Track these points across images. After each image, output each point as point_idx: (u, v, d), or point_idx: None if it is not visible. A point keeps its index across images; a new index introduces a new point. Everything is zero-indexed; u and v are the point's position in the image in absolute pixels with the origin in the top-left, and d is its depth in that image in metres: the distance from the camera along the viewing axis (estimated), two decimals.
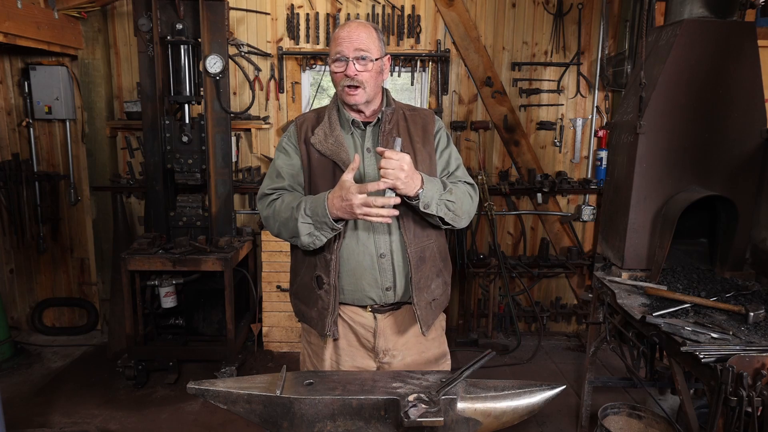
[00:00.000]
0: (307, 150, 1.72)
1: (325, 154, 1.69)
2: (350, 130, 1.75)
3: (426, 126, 1.79)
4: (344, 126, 1.74)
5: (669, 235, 2.38)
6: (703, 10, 2.45)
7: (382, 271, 1.69)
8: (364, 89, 1.65)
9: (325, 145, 1.69)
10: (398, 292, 1.72)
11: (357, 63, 1.62)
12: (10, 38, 3.15)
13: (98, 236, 4.18)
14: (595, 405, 2.78)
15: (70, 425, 3.05)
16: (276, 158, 1.79)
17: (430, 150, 1.77)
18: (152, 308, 3.71)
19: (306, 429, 1.30)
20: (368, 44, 1.64)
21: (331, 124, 1.73)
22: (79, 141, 4.16)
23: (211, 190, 3.62)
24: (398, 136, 1.67)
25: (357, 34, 1.63)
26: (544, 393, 1.38)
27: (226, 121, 3.60)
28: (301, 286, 1.80)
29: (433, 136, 1.80)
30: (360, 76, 1.63)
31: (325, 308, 1.70)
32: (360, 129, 1.75)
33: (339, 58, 1.63)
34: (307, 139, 1.73)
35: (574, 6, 4.07)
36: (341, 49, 1.63)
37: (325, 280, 1.69)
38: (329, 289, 1.69)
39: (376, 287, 1.70)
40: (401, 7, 4.03)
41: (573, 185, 4.16)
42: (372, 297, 1.71)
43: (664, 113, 2.46)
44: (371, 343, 1.77)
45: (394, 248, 1.69)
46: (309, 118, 1.79)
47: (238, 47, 3.97)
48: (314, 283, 1.72)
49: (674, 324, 1.95)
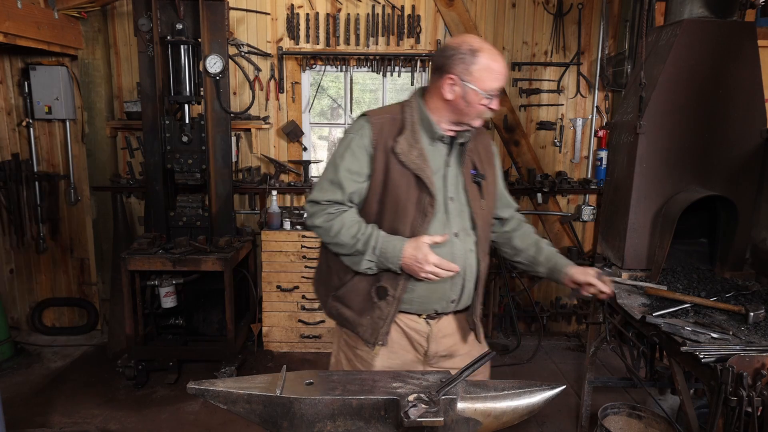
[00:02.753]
0: (386, 159, 1.64)
1: (408, 167, 1.62)
2: (433, 143, 1.69)
3: (488, 146, 1.85)
4: (427, 137, 1.69)
5: (669, 235, 2.38)
6: (703, 10, 2.45)
7: (454, 285, 1.71)
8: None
9: (409, 156, 1.62)
10: (460, 305, 1.77)
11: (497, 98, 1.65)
12: (10, 38, 3.15)
13: (98, 236, 4.18)
14: (595, 405, 2.78)
15: (70, 425, 3.05)
16: (341, 159, 1.66)
17: (492, 170, 1.82)
18: (152, 308, 3.71)
19: (306, 429, 1.30)
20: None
21: (414, 133, 1.66)
22: (79, 141, 4.16)
23: (211, 190, 3.62)
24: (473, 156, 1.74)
25: (505, 70, 1.65)
26: (544, 393, 1.38)
27: (226, 121, 3.60)
28: (351, 291, 1.71)
29: (494, 156, 1.86)
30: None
31: (381, 318, 1.67)
32: (445, 143, 1.71)
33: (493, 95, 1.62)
34: (387, 147, 1.64)
35: (574, 6, 4.07)
36: (498, 86, 1.62)
37: (391, 292, 1.66)
38: (392, 301, 1.66)
39: (443, 300, 1.72)
40: (401, 7, 4.03)
41: (573, 185, 4.16)
42: (436, 308, 1.73)
43: (664, 113, 2.45)
44: (424, 347, 1.77)
45: (467, 263, 1.71)
46: (386, 122, 1.68)
47: (238, 47, 3.97)
48: (374, 292, 1.67)
49: (674, 324, 1.95)
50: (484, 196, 1.74)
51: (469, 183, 1.71)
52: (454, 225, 1.68)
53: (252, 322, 4.08)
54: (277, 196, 4.10)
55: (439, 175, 1.67)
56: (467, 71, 1.59)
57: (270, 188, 4.06)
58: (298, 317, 3.98)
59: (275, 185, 4.11)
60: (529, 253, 1.89)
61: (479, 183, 1.72)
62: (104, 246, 4.15)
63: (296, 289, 3.95)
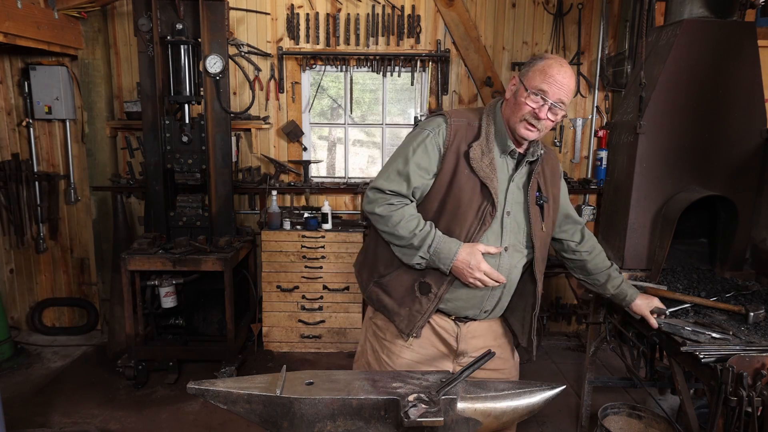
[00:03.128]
0: (457, 162, 1.66)
1: (477, 173, 1.64)
2: (502, 155, 1.70)
3: (554, 168, 1.84)
4: (499, 148, 1.70)
5: (669, 235, 2.38)
6: (703, 10, 2.45)
7: (491, 297, 1.73)
8: (540, 132, 1.65)
9: (480, 163, 1.64)
10: (492, 315, 1.79)
11: (551, 111, 1.61)
12: (10, 38, 3.14)
13: (98, 236, 4.18)
14: (595, 405, 2.78)
15: (70, 425, 3.05)
16: (413, 153, 1.68)
17: (556, 192, 1.82)
18: (152, 308, 3.71)
19: (306, 429, 1.30)
20: (570, 97, 1.64)
21: (488, 142, 1.68)
22: (79, 141, 4.16)
23: (211, 190, 3.62)
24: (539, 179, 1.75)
25: (567, 83, 1.59)
26: (544, 393, 1.38)
27: (226, 121, 3.60)
28: (395, 281, 1.74)
29: (559, 179, 1.86)
30: (547, 123, 1.62)
31: (420, 312, 1.70)
32: (513, 158, 1.72)
33: (539, 95, 1.59)
34: (460, 151, 1.66)
35: (574, 6, 4.07)
36: (548, 90, 1.58)
37: (434, 290, 1.68)
38: (433, 299, 1.69)
39: (477, 308, 1.74)
40: (401, 7, 4.03)
41: (573, 185, 4.16)
42: (467, 314, 1.75)
43: (664, 113, 2.45)
44: (454, 345, 1.79)
45: (510, 277, 1.73)
46: (463, 126, 1.70)
47: (238, 47, 3.97)
48: (417, 287, 1.70)
49: (674, 324, 1.95)
50: (545, 219, 1.75)
51: (532, 204, 1.72)
52: (506, 239, 1.70)
53: (252, 322, 4.08)
54: (277, 196, 4.10)
55: (502, 188, 1.69)
56: (526, 72, 1.64)
57: (270, 188, 4.06)
58: (298, 317, 3.98)
59: (275, 185, 4.11)
60: (599, 280, 1.96)
61: (542, 206, 1.74)
62: (104, 246, 4.15)
63: (296, 289, 3.95)
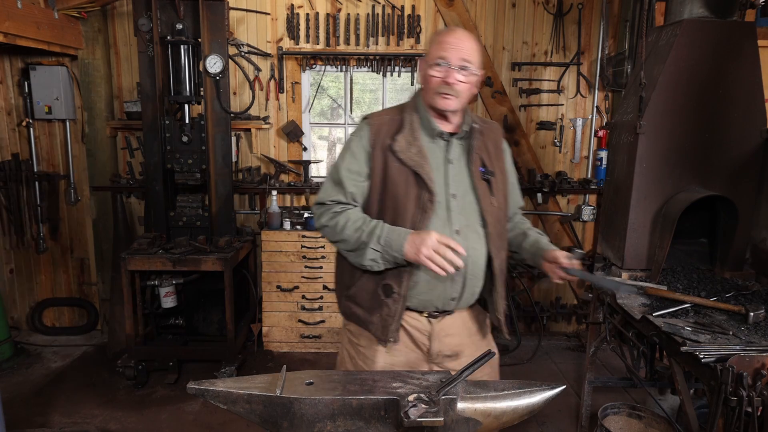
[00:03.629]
0: (385, 158, 1.66)
1: (406, 164, 1.64)
2: (434, 140, 1.70)
3: (497, 141, 1.83)
4: (426, 134, 1.70)
5: (669, 235, 2.38)
6: (703, 10, 2.45)
7: (454, 283, 1.70)
8: (458, 98, 1.64)
9: (408, 154, 1.64)
10: (460, 303, 1.75)
11: (459, 73, 1.61)
12: (10, 38, 3.15)
13: (98, 236, 4.18)
14: (595, 405, 2.78)
15: (70, 425, 3.05)
16: (342, 160, 1.71)
17: (501, 166, 1.80)
18: (152, 308, 3.71)
19: (306, 429, 1.30)
20: (473, 56, 1.63)
21: (413, 131, 1.67)
22: (79, 141, 4.16)
23: (211, 190, 3.62)
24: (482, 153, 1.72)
25: (465, 43, 1.61)
26: (544, 393, 1.38)
27: (226, 121, 3.60)
28: (361, 290, 1.74)
29: (503, 152, 1.85)
30: (458, 86, 1.61)
31: (390, 315, 1.68)
32: (444, 140, 1.71)
33: (441, 63, 1.60)
34: (385, 146, 1.66)
35: (574, 6, 4.07)
36: (447, 55, 1.60)
37: (396, 289, 1.67)
38: (398, 299, 1.67)
39: (443, 298, 1.72)
40: (401, 7, 4.03)
41: (573, 185, 4.16)
42: (436, 305, 1.73)
43: (664, 113, 2.45)
44: (427, 345, 1.77)
45: (468, 261, 1.67)
46: (385, 122, 1.71)
47: (238, 47, 3.97)
48: (381, 290, 1.69)
49: (674, 324, 1.95)
50: (494, 193, 1.73)
51: (477, 180, 1.70)
52: (456, 222, 1.67)
53: (252, 322, 4.08)
54: (277, 196, 4.11)
55: (439, 172, 1.68)
56: (427, 52, 1.67)
57: (270, 188, 4.06)
58: (298, 317, 3.98)
59: (275, 185, 4.11)
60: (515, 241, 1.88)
61: (488, 180, 1.72)
62: (104, 246, 4.15)
63: (296, 289, 3.95)
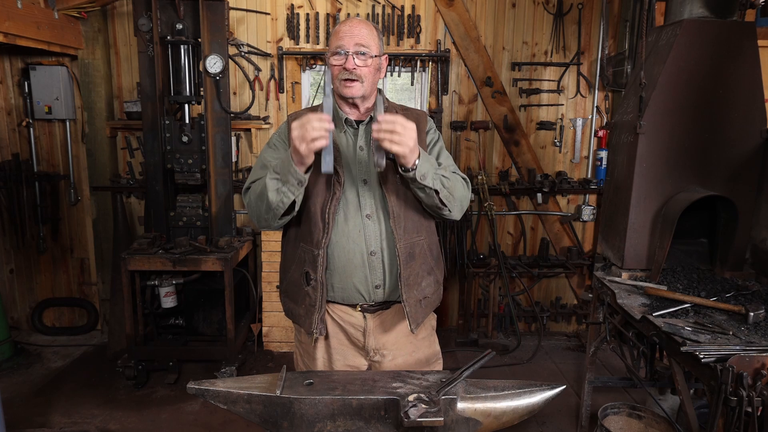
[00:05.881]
0: None
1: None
2: (343, 129, 1.75)
3: (419, 124, 1.79)
4: (338, 125, 1.74)
5: (669, 235, 2.38)
6: (703, 10, 2.45)
7: (372, 268, 1.71)
8: (362, 83, 1.67)
9: None
10: (387, 291, 1.74)
11: (356, 57, 1.64)
12: (10, 38, 3.14)
13: (98, 236, 4.18)
14: (595, 405, 2.78)
15: (70, 425, 3.05)
16: (263, 152, 1.79)
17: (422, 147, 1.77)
18: (152, 308, 3.71)
19: (306, 429, 1.30)
20: (368, 40, 1.66)
21: None
22: (79, 141, 4.16)
23: (211, 190, 3.62)
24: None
25: (358, 29, 1.65)
26: (544, 393, 1.38)
27: (226, 121, 3.60)
28: (290, 283, 1.80)
29: (425, 134, 1.82)
30: (359, 71, 1.65)
31: (312, 305, 1.71)
32: (353, 128, 1.76)
33: (339, 52, 1.65)
34: None
35: (574, 6, 4.07)
36: (342, 43, 1.64)
37: (313, 276, 1.69)
38: (316, 286, 1.69)
39: (365, 285, 1.72)
40: (401, 7, 4.03)
41: (573, 185, 4.16)
42: (362, 294, 1.73)
43: (664, 113, 2.45)
44: (361, 342, 1.79)
45: (384, 245, 1.71)
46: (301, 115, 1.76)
47: (238, 47, 3.97)
48: (302, 279, 1.73)
49: (674, 324, 1.95)
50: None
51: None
52: (367, 207, 1.70)
53: (252, 322, 4.08)
54: None
55: (349, 158, 1.71)
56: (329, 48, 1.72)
57: None
58: None
59: None
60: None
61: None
62: (104, 246, 4.15)
63: None
